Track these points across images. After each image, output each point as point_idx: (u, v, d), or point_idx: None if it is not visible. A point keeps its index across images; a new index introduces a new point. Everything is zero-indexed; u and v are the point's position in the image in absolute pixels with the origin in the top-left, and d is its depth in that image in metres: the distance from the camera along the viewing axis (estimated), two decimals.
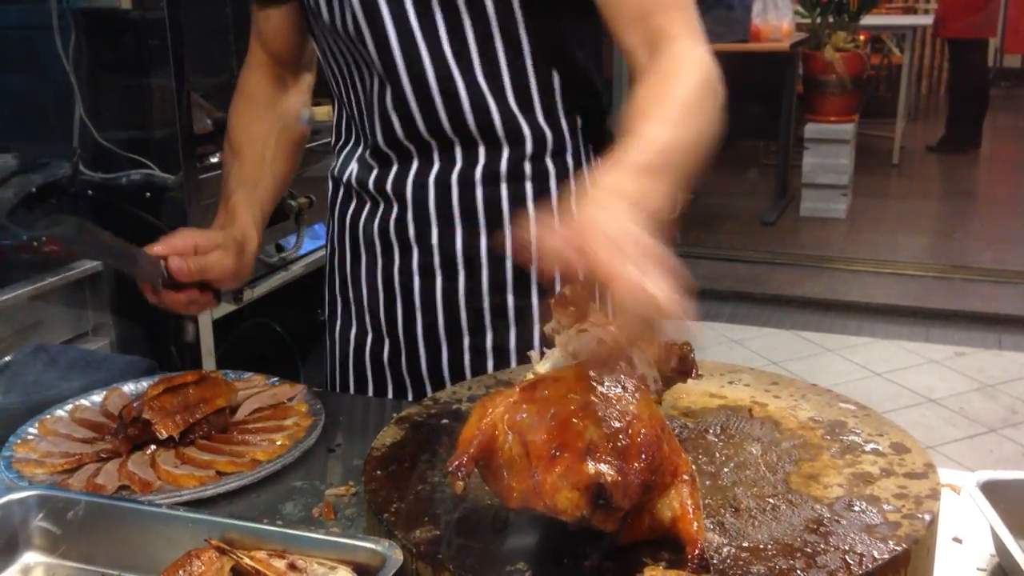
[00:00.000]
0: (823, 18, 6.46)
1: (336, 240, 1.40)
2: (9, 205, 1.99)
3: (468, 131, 1.23)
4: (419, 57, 1.19)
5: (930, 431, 3.59)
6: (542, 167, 1.26)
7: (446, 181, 1.25)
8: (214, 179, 2.11)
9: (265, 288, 2.29)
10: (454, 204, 1.26)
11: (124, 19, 2.03)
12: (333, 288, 1.43)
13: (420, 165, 1.26)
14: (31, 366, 1.31)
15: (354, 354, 1.39)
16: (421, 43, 1.19)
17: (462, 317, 1.28)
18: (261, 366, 1.32)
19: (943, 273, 5.22)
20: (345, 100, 1.31)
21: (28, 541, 0.89)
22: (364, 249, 1.35)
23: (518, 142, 1.24)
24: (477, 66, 1.20)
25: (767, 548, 0.76)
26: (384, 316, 1.33)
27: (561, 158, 1.27)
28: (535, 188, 1.26)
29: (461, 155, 1.25)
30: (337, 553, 0.80)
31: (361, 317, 1.37)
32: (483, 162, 1.24)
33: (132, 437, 1.08)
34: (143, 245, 1.21)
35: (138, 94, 2.05)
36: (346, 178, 1.34)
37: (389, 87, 1.22)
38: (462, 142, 1.24)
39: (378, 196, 1.30)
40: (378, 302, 1.34)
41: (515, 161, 1.24)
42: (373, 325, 1.36)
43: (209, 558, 0.78)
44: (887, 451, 0.92)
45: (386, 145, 1.26)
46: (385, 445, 0.96)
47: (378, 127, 1.25)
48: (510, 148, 1.24)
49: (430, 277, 1.28)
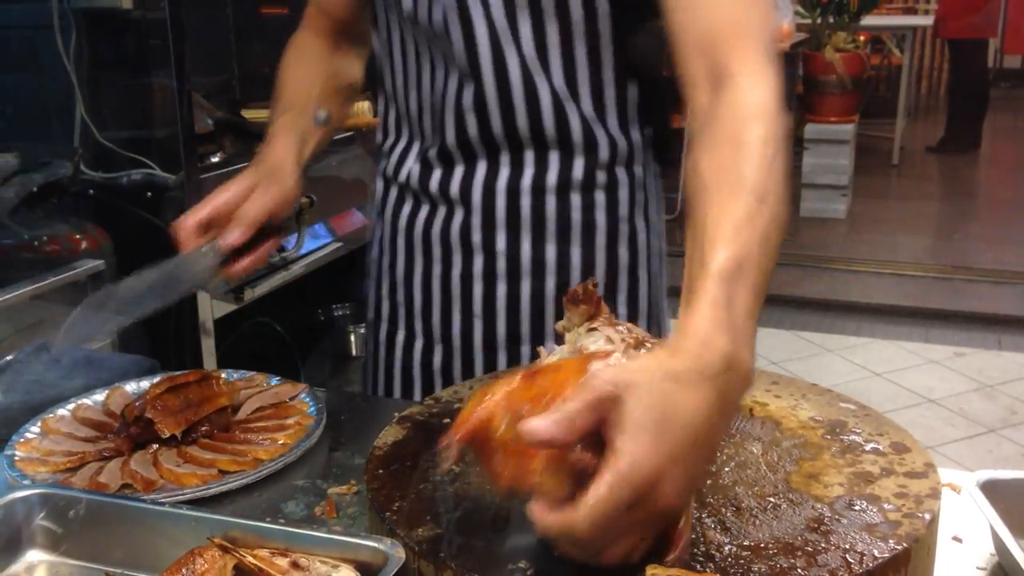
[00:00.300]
0: (823, 18, 6.47)
1: (388, 241, 1.36)
2: (10, 205, 2.00)
3: (544, 135, 1.21)
4: (503, 56, 1.17)
5: (929, 431, 3.59)
6: (613, 177, 1.25)
7: (516, 187, 1.23)
8: (215, 179, 2.12)
9: (266, 288, 2.29)
10: (524, 211, 1.24)
11: (125, 18, 2.03)
12: (380, 291, 1.39)
13: (488, 169, 1.24)
14: (33, 365, 1.31)
15: (401, 359, 1.36)
16: (507, 43, 1.17)
17: (523, 324, 1.26)
18: (261, 366, 1.32)
19: (943, 273, 5.23)
20: (402, 96, 1.29)
21: (31, 539, 0.90)
22: (420, 252, 1.31)
23: (592, 149, 1.22)
24: (557, 70, 1.19)
25: (768, 547, 0.77)
26: (439, 321, 1.30)
27: (631, 169, 1.26)
28: (607, 199, 1.25)
29: (533, 160, 1.23)
30: (339, 551, 0.80)
31: (411, 321, 1.34)
32: (556, 169, 1.23)
33: (134, 436, 1.09)
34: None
35: (139, 94, 2.05)
36: (401, 179, 1.31)
37: (470, 85, 1.19)
38: (535, 147, 1.22)
39: (440, 199, 1.27)
40: (432, 306, 1.31)
41: (588, 169, 1.23)
42: (424, 330, 1.33)
43: (212, 556, 0.78)
44: (887, 451, 0.92)
45: (456, 145, 1.24)
46: (387, 444, 0.96)
47: (450, 126, 1.23)
48: (584, 156, 1.23)
49: (492, 283, 1.26)
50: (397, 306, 1.36)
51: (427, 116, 1.26)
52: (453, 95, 1.21)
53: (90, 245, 1.99)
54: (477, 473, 0.90)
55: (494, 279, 1.26)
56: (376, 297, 1.41)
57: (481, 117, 1.21)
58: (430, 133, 1.27)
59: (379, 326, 1.40)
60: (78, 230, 2.02)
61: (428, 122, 1.26)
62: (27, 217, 2.00)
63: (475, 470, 0.90)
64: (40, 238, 1.98)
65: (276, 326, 2.63)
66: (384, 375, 1.39)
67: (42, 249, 1.97)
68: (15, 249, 1.97)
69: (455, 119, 1.22)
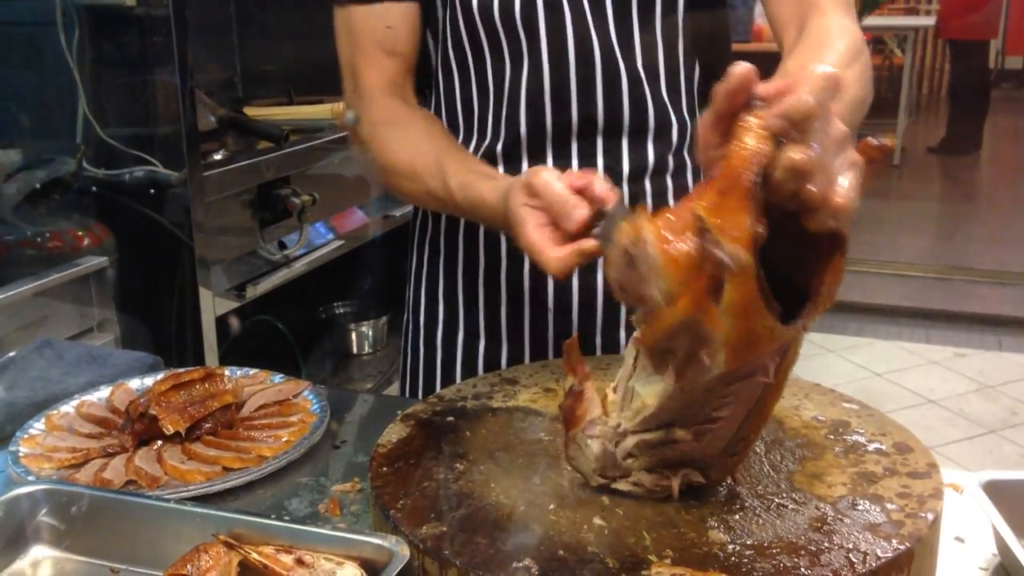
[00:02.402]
0: None
1: (444, 242, 1.33)
2: (13, 201, 2.00)
3: (620, 121, 1.20)
4: (590, 40, 1.17)
5: (930, 432, 3.59)
6: (681, 160, 1.25)
7: None
8: (217, 176, 2.12)
9: (267, 285, 2.30)
10: None
11: (128, 15, 2.03)
12: (434, 293, 1.36)
13: (557, 160, 1.22)
14: (37, 362, 1.31)
15: (463, 361, 1.33)
16: (592, 28, 1.17)
17: (597, 318, 1.25)
18: (263, 363, 1.32)
19: (944, 274, 5.23)
20: (460, 97, 1.26)
21: (35, 535, 0.90)
22: (484, 253, 1.29)
23: (664, 133, 1.22)
24: (638, 53, 1.19)
25: (771, 546, 0.77)
26: (506, 321, 1.28)
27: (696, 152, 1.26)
28: (675, 183, 1.25)
29: (603, 149, 1.22)
30: (344, 548, 0.80)
31: (473, 323, 1.32)
32: (628, 156, 1.22)
33: (139, 432, 1.09)
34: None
35: (142, 90, 2.05)
36: None
37: (549, 74, 1.18)
38: (608, 134, 1.21)
39: None
40: (499, 306, 1.29)
41: (660, 155, 1.23)
42: (489, 330, 1.31)
43: (217, 553, 0.78)
44: (890, 451, 0.92)
45: (527, 138, 1.22)
46: (391, 442, 0.96)
47: (523, 119, 1.21)
48: (654, 140, 1.22)
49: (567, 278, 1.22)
50: (456, 308, 1.33)
51: (490, 112, 1.24)
52: (524, 87, 1.20)
53: (93, 242, 2.00)
54: (480, 472, 0.90)
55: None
56: (429, 301, 1.36)
57: (559, 105, 1.20)
58: (493, 129, 1.24)
59: (433, 330, 1.36)
60: (81, 227, 2.02)
61: (491, 118, 1.24)
62: (30, 214, 2.00)
63: (478, 468, 0.91)
64: (43, 235, 1.98)
65: (278, 324, 2.63)
66: (443, 378, 1.36)
67: (45, 246, 1.97)
68: (18, 246, 1.97)
69: (528, 111, 1.21)
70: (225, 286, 2.18)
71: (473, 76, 1.25)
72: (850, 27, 1.09)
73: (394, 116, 1.24)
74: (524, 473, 0.90)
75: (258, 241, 2.30)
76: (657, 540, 0.78)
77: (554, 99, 1.20)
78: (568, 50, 1.18)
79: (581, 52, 1.18)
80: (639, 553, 0.77)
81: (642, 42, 1.19)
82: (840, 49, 1.04)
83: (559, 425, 0.89)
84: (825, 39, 1.06)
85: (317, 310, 3.05)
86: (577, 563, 0.76)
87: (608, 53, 1.18)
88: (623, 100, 1.20)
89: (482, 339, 1.32)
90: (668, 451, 0.82)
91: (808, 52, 1.04)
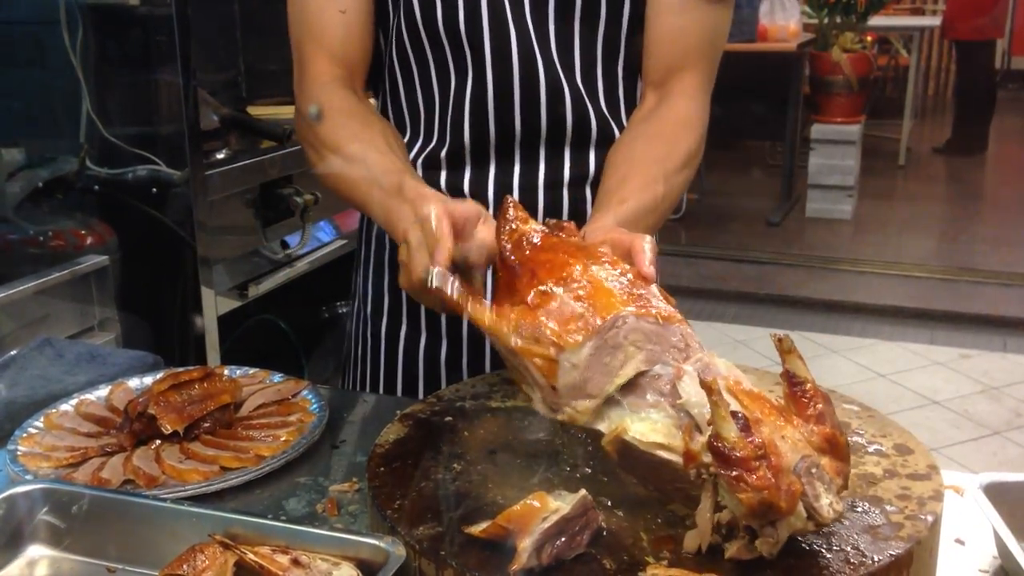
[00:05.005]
0: (830, 19, 6.45)
1: (389, 239, 1.34)
2: (16, 200, 2.00)
3: (563, 133, 1.25)
4: (534, 59, 1.22)
5: (934, 433, 3.58)
6: None
7: (532, 184, 1.27)
8: (220, 175, 2.12)
9: (270, 284, 2.30)
10: (539, 207, 1.27)
11: (131, 14, 2.03)
12: (380, 288, 1.38)
13: (499, 167, 1.27)
14: (37, 360, 1.31)
15: (404, 355, 1.36)
16: (536, 47, 1.22)
17: None
18: (265, 362, 1.32)
19: (949, 275, 5.22)
20: (405, 98, 1.29)
21: (33, 534, 0.90)
22: None
23: (607, 144, 1.26)
24: (578, 70, 1.24)
25: None
26: (447, 317, 1.30)
27: None
28: None
29: (544, 157, 1.27)
30: (340, 549, 0.80)
31: (415, 318, 1.34)
32: (568, 165, 1.27)
33: (137, 432, 1.09)
34: None
35: (145, 90, 2.06)
36: None
37: (493, 86, 1.22)
38: (551, 144, 1.26)
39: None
40: None
41: (601, 163, 1.25)
42: (430, 326, 1.33)
43: (213, 553, 0.78)
44: (890, 452, 0.92)
45: (470, 145, 1.26)
46: (389, 442, 0.96)
47: (466, 126, 1.24)
48: (596, 150, 1.27)
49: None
50: (399, 303, 1.36)
51: (436, 117, 1.27)
52: (469, 96, 1.23)
53: (95, 241, 2.00)
54: (478, 472, 0.90)
55: None
56: (376, 295, 1.40)
57: (502, 117, 1.24)
58: (438, 134, 1.27)
59: (379, 323, 1.39)
60: (83, 226, 2.02)
61: (437, 123, 1.27)
62: (32, 212, 2.00)
63: (476, 469, 0.90)
64: (45, 233, 1.98)
65: (280, 323, 2.63)
66: (386, 372, 1.39)
67: (47, 244, 1.97)
68: (20, 244, 1.97)
69: (471, 119, 1.24)
70: (227, 285, 2.18)
71: (418, 82, 1.28)
72: (698, 122, 1.22)
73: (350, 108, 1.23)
74: (522, 473, 0.90)
75: (260, 240, 2.30)
76: (654, 541, 0.78)
77: (498, 110, 1.24)
78: (513, 67, 1.22)
79: (525, 68, 1.22)
80: (636, 554, 0.77)
81: (583, 59, 1.25)
82: (677, 158, 1.17)
83: (558, 426, 0.89)
84: (669, 145, 1.18)
85: (319, 309, 3.04)
86: (574, 563, 0.75)
87: (552, 71, 1.23)
88: (567, 114, 1.25)
89: (423, 334, 1.35)
90: None
91: (654, 149, 1.18)
